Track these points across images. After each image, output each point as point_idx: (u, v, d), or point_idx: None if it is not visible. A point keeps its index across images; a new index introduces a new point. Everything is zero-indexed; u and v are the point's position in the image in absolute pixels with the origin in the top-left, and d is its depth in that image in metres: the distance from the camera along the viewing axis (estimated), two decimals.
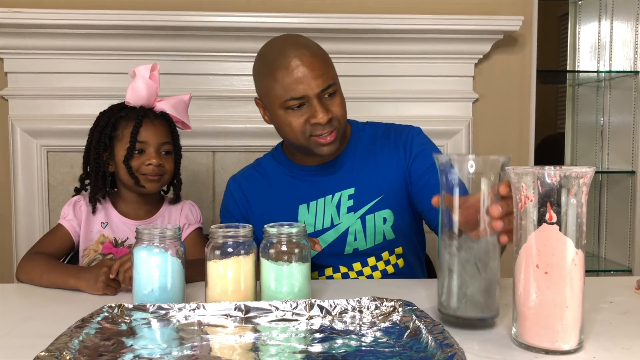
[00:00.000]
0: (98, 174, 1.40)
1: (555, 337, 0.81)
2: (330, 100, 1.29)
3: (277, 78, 1.26)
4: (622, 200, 2.38)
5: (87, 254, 1.41)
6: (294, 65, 1.24)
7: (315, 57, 1.27)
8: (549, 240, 0.81)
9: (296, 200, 1.39)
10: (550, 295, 0.81)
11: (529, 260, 0.82)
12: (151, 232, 1.01)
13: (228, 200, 1.46)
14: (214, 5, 1.99)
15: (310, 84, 1.25)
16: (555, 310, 0.81)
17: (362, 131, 1.44)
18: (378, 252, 1.38)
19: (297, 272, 1.01)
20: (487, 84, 2.14)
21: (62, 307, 1.09)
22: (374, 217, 1.36)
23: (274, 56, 1.28)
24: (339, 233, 1.36)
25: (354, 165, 1.39)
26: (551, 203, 0.80)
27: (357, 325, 0.90)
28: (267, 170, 1.45)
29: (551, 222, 0.80)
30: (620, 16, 2.40)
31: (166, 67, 1.99)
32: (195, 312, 0.92)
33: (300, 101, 1.26)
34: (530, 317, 0.83)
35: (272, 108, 1.30)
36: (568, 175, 0.79)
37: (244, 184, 1.45)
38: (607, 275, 2.39)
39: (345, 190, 1.37)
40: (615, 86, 2.43)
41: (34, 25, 1.88)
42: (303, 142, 1.30)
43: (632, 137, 2.30)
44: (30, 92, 1.98)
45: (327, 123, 1.27)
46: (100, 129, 1.39)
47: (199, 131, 2.01)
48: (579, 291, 0.82)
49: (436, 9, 2.06)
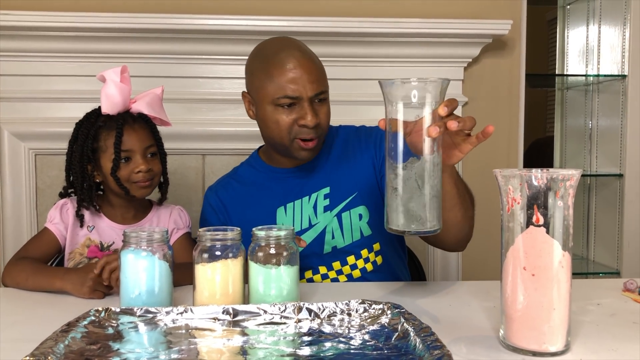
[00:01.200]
0: (83, 187, 1.37)
1: (542, 339, 0.82)
2: (320, 106, 1.32)
3: (272, 75, 1.29)
4: (610, 203, 2.40)
5: (72, 257, 1.40)
6: (292, 65, 1.28)
7: (312, 62, 1.31)
8: (536, 243, 0.81)
9: (274, 204, 1.41)
10: (537, 298, 0.81)
11: (516, 262, 0.83)
12: (139, 235, 1.01)
13: (206, 210, 1.49)
14: (204, 8, 1.99)
15: (305, 86, 1.28)
16: (542, 312, 0.81)
17: (336, 134, 1.47)
18: (357, 249, 1.40)
19: (285, 275, 1.01)
20: (476, 87, 2.15)
21: (48, 310, 1.08)
22: (349, 214, 1.38)
23: (272, 54, 1.31)
24: (317, 232, 1.39)
25: (328, 167, 1.42)
26: (538, 205, 0.80)
27: (345, 328, 0.90)
28: (243, 178, 1.48)
29: (538, 224, 0.81)
30: (608, 21, 2.42)
31: (156, 70, 1.99)
32: (182, 316, 0.91)
33: (292, 100, 1.29)
34: (517, 319, 0.83)
35: (262, 103, 1.32)
36: (555, 177, 0.80)
37: (221, 193, 1.47)
38: (595, 277, 2.40)
39: (321, 190, 1.40)
40: (604, 90, 2.45)
41: (22, 28, 1.87)
42: (286, 142, 1.32)
43: (620, 141, 2.32)
44: (18, 95, 1.96)
45: (313, 127, 1.30)
46: (81, 142, 1.35)
47: (188, 134, 2.01)
48: (566, 293, 0.82)
49: (425, 13, 2.07)
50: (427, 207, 0.93)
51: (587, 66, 2.56)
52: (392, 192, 0.94)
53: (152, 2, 1.99)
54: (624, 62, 2.30)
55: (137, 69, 1.95)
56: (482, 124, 2.29)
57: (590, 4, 2.54)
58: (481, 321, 0.99)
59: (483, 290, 1.17)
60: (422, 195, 0.93)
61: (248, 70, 1.38)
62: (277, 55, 1.30)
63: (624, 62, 2.30)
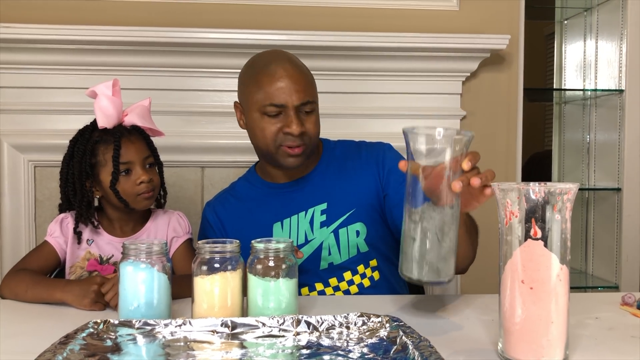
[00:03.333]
0: (82, 204, 1.36)
1: (540, 352, 0.82)
2: (307, 116, 1.34)
3: (261, 84, 1.32)
4: (608, 217, 2.40)
5: (73, 271, 1.39)
6: (279, 75, 1.31)
7: (301, 74, 1.34)
8: (533, 256, 0.81)
9: (270, 219, 1.41)
10: (535, 311, 0.81)
11: (514, 275, 0.83)
12: (137, 247, 1.01)
13: (205, 226, 1.50)
14: (203, 22, 2.01)
15: (292, 96, 1.31)
16: (540, 325, 0.81)
17: (334, 149, 1.48)
18: (353, 265, 1.39)
19: (284, 287, 1.01)
20: (474, 101, 2.16)
21: (47, 322, 1.08)
22: (346, 231, 1.38)
23: (262, 64, 1.35)
24: (313, 248, 1.38)
25: (325, 181, 1.42)
26: (536, 219, 0.81)
27: (344, 341, 0.90)
28: (240, 193, 1.49)
29: (536, 237, 0.81)
30: (605, 36, 2.44)
31: (155, 83, 2.00)
32: (181, 328, 0.91)
33: (278, 109, 1.31)
34: (515, 333, 0.83)
35: (250, 112, 1.35)
36: (552, 191, 0.80)
37: (218, 209, 1.48)
38: (594, 291, 2.40)
39: (318, 206, 1.40)
40: (601, 104, 2.46)
41: (22, 40, 1.88)
42: (272, 149, 1.34)
43: (617, 155, 2.33)
44: (17, 107, 1.97)
45: (298, 136, 1.31)
46: (78, 158, 1.35)
47: (187, 147, 2.01)
48: (564, 306, 0.82)
49: (424, 28, 2.08)
50: (445, 259, 0.94)
51: (585, 81, 2.58)
52: (410, 241, 0.95)
53: (153, 16, 2.00)
54: (621, 76, 2.31)
55: (137, 82, 1.96)
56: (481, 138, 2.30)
57: (588, 19, 2.56)
58: (479, 335, 0.98)
59: (481, 303, 1.17)
60: (440, 248, 0.94)
61: (240, 81, 1.41)
62: (267, 65, 1.34)
63: (621, 77, 2.31)
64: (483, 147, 2.20)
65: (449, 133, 0.92)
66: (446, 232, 0.93)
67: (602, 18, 2.47)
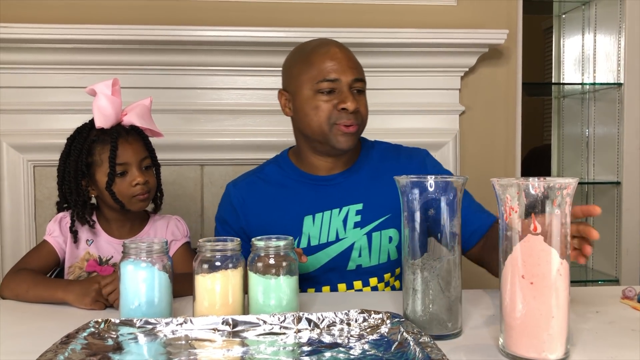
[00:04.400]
0: (78, 203, 1.36)
1: (541, 347, 0.82)
2: (358, 96, 1.33)
3: (313, 62, 1.31)
4: (608, 211, 2.40)
5: (72, 271, 1.39)
6: (332, 52, 1.32)
7: (351, 54, 1.35)
8: (533, 251, 0.81)
9: (301, 211, 1.36)
10: (536, 306, 0.82)
11: (514, 270, 0.83)
12: (138, 246, 1.01)
13: (226, 208, 1.42)
14: (202, 20, 2.00)
15: (345, 71, 1.30)
16: (541, 320, 0.82)
17: (372, 148, 1.45)
18: (380, 272, 1.37)
19: (285, 285, 1.01)
20: (473, 96, 2.16)
21: (48, 322, 1.08)
22: (380, 235, 1.35)
23: (312, 45, 1.35)
24: (343, 248, 1.35)
25: (362, 181, 1.38)
26: (535, 214, 0.81)
27: (345, 338, 0.90)
28: (270, 177, 1.42)
29: (536, 232, 0.81)
30: (603, 29, 2.43)
31: (154, 81, 2.00)
32: (182, 327, 0.91)
33: (332, 85, 1.29)
34: (516, 328, 0.83)
35: (300, 92, 1.32)
36: (552, 186, 0.80)
37: (245, 191, 1.40)
38: (594, 285, 2.40)
39: (354, 205, 1.36)
40: (600, 98, 2.46)
41: (20, 40, 1.88)
42: (326, 128, 1.30)
43: (616, 148, 2.33)
44: (16, 107, 1.97)
45: (352, 112, 1.29)
46: (75, 157, 1.34)
47: (187, 145, 2.01)
48: (565, 301, 0.83)
49: (422, 23, 2.08)
50: (449, 310, 0.94)
51: (583, 74, 2.58)
52: (413, 293, 0.95)
53: (151, 14, 2.00)
54: (619, 70, 2.31)
55: (135, 81, 1.96)
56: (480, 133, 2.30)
57: (586, 12, 2.55)
58: (480, 330, 0.99)
59: (482, 298, 1.17)
60: (444, 298, 0.93)
61: (286, 65, 1.39)
62: (317, 46, 1.34)
63: (619, 70, 2.31)
64: (482, 143, 2.22)
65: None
66: (449, 281, 0.93)
67: (600, 11, 2.46)
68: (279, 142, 1.99)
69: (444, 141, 2.12)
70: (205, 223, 2.08)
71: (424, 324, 0.93)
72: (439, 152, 2.12)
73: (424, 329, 0.91)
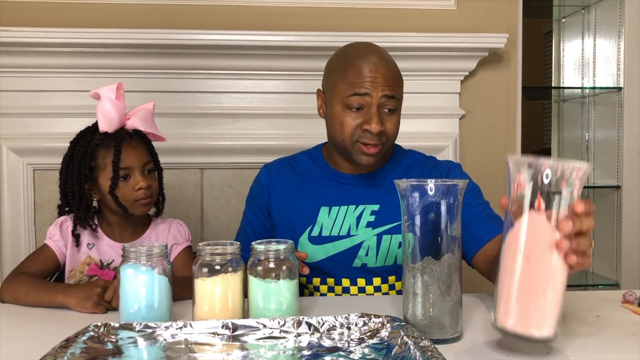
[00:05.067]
0: (81, 207, 1.36)
1: (528, 323, 0.82)
2: (388, 116, 1.31)
3: (347, 74, 1.30)
4: (608, 215, 2.40)
5: (73, 275, 1.39)
6: (368, 68, 1.28)
7: (388, 69, 1.31)
8: (534, 228, 0.81)
9: (319, 201, 1.39)
10: (529, 282, 0.81)
11: (514, 245, 0.83)
12: (138, 250, 1.00)
13: (255, 187, 1.48)
14: (202, 24, 2.00)
15: (376, 88, 1.27)
16: (531, 296, 0.81)
17: (404, 156, 1.45)
18: (385, 274, 1.38)
19: (285, 289, 1.01)
20: (473, 100, 2.16)
21: (47, 326, 1.07)
22: (390, 238, 1.36)
23: (354, 55, 1.32)
24: (352, 244, 1.36)
25: (385, 184, 1.39)
26: (542, 192, 0.81)
27: (345, 342, 0.89)
28: (300, 166, 1.46)
29: (539, 210, 0.81)
30: (603, 34, 2.44)
31: (155, 85, 2.00)
32: (182, 331, 0.91)
33: (361, 100, 1.28)
34: (507, 302, 0.83)
35: (332, 102, 1.32)
36: (562, 167, 0.80)
37: (273, 173, 1.46)
38: (595, 289, 2.40)
39: (370, 205, 1.37)
40: (600, 102, 2.46)
41: (21, 44, 1.88)
42: (348, 144, 1.31)
43: (616, 152, 2.33)
44: (17, 110, 1.97)
45: (376, 134, 1.28)
46: (78, 160, 1.34)
47: (187, 148, 2.01)
48: (560, 282, 0.82)
49: (422, 27, 2.08)
50: (450, 314, 0.94)
51: (583, 78, 2.58)
52: (413, 297, 0.95)
53: (152, 18, 2.00)
54: (619, 74, 2.32)
55: (136, 84, 1.96)
56: (480, 137, 2.30)
57: (586, 17, 2.56)
58: (481, 334, 0.98)
59: (483, 303, 1.17)
60: (444, 302, 0.93)
61: (327, 69, 1.38)
62: (357, 58, 1.31)
63: (619, 75, 2.32)
64: (482, 146, 2.21)
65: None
66: (450, 284, 0.93)
67: (600, 16, 2.47)
68: (279, 146, 1.99)
69: (444, 145, 2.12)
70: (206, 226, 2.07)
71: (424, 328, 0.93)
72: (439, 156, 2.10)
73: (424, 333, 0.91)
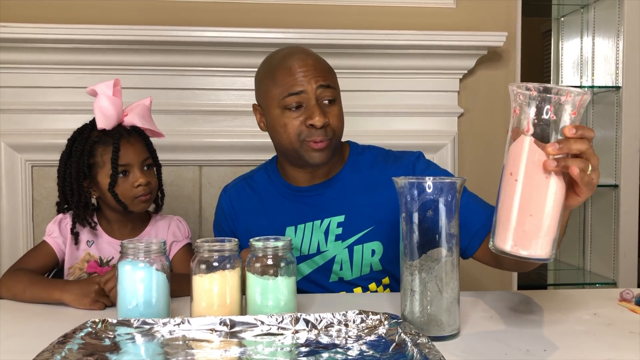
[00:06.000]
0: (80, 204, 1.35)
1: (515, 240, 0.83)
2: (329, 107, 1.28)
3: (276, 77, 1.26)
4: (606, 214, 2.41)
5: (72, 272, 1.39)
6: (296, 65, 1.25)
7: (317, 61, 1.29)
8: (522, 150, 0.83)
9: (284, 221, 1.35)
10: (517, 202, 0.83)
11: (506, 168, 0.86)
12: (136, 246, 1.00)
13: (219, 212, 1.45)
14: (201, 20, 2.00)
15: (310, 81, 1.24)
16: (519, 215, 0.83)
17: (361, 155, 1.39)
18: (364, 282, 1.35)
19: (282, 286, 1.01)
20: (472, 98, 2.16)
21: (45, 322, 1.07)
22: (362, 249, 1.32)
23: (277, 59, 1.29)
24: (325, 260, 1.33)
25: (346, 191, 1.34)
26: (531, 117, 0.83)
27: (342, 339, 0.90)
28: (258, 185, 1.41)
29: (528, 133, 0.83)
30: (602, 33, 2.44)
31: (153, 82, 2.00)
32: (180, 327, 0.91)
33: (298, 98, 1.24)
34: (500, 222, 0.85)
35: (270, 109, 1.28)
36: (553, 91, 0.82)
37: (234, 197, 1.42)
38: (592, 288, 2.41)
39: (335, 217, 1.33)
40: (598, 101, 2.46)
41: (19, 40, 1.88)
42: (296, 145, 1.26)
43: (614, 151, 2.33)
44: (15, 107, 1.97)
45: (322, 128, 1.24)
46: (76, 158, 1.33)
47: (185, 145, 2.01)
48: (551, 204, 0.83)
49: (421, 25, 2.08)
50: (447, 311, 0.94)
51: (582, 77, 2.58)
52: (410, 294, 0.95)
53: (150, 15, 2.00)
54: (618, 73, 2.32)
55: (134, 81, 1.96)
56: (478, 135, 2.30)
57: (584, 16, 2.56)
58: (478, 331, 0.99)
59: (480, 300, 1.17)
60: (442, 299, 0.93)
61: (256, 80, 1.34)
62: (282, 60, 1.28)
63: (618, 74, 2.32)
64: (481, 145, 2.22)
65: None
66: (447, 282, 0.93)
67: (598, 15, 2.47)
68: None
69: (442, 143, 2.12)
70: (204, 224, 2.07)
71: (422, 325, 0.93)
72: (437, 154, 2.12)
73: (422, 330, 0.91)
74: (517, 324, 1.03)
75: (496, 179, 0.89)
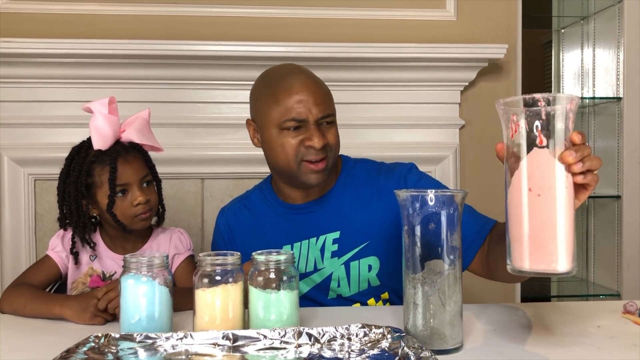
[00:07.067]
0: (79, 224, 1.34)
1: (550, 258, 0.80)
2: (327, 128, 1.28)
3: (278, 99, 1.26)
4: (608, 225, 2.40)
5: (75, 286, 1.38)
6: (298, 88, 1.25)
7: (318, 87, 1.29)
8: (540, 163, 0.81)
9: (280, 240, 1.35)
10: (543, 218, 0.81)
11: (522, 185, 0.82)
12: (139, 260, 1.00)
13: (217, 234, 1.46)
14: (201, 34, 2.02)
15: (312, 110, 1.25)
16: (549, 232, 0.80)
17: (353, 169, 1.40)
18: (363, 298, 1.34)
19: (285, 299, 1.01)
20: (473, 110, 2.17)
21: (48, 337, 1.07)
22: (358, 264, 1.32)
23: (278, 78, 1.29)
24: (322, 277, 1.33)
25: (340, 206, 1.35)
26: (541, 128, 0.81)
27: (345, 353, 0.89)
28: (254, 205, 1.42)
29: (542, 145, 0.81)
30: (602, 44, 2.45)
31: (155, 95, 2.01)
32: (182, 341, 0.91)
33: (298, 123, 1.25)
34: (525, 243, 0.82)
35: (267, 128, 1.29)
36: (555, 100, 0.81)
37: (230, 219, 1.43)
38: (595, 300, 2.40)
39: (330, 234, 1.33)
40: (599, 112, 2.47)
41: (21, 55, 1.89)
42: (293, 166, 1.27)
43: (616, 162, 2.33)
44: (17, 121, 1.98)
45: (320, 149, 1.25)
46: (74, 177, 1.32)
47: (187, 158, 2.02)
48: (571, 214, 0.82)
49: (422, 38, 2.09)
50: (450, 324, 0.93)
51: (583, 89, 2.59)
52: (413, 307, 0.94)
53: (152, 29, 2.01)
54: (619, 84, 2.32)
55: (136, 95, 1.97)
56: (480, 147, 2.30)
57: (585, 27, 2.57)
58: (481, 344, 0.98)
59: (483, 313, 1.17)
60: (445, 313, 0.93)
61: (253, 96, 1.34)
62: (283, 79, 1.27)
63: (619, 85, 2.32)
64: (482, 156, 2.22)
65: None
66: (450, 295, 0.93)
67: (599, 26, 2.48)
68: None
69: (444, 155, 2.13)
70: (206, 237, 2.07)
71: (424, 339, 0.93)
72: (439, 166, 2.12)
73: (425, 343, 0.91)
74: (521, 337, 1.03)
75: (498, 191, 0.88)
